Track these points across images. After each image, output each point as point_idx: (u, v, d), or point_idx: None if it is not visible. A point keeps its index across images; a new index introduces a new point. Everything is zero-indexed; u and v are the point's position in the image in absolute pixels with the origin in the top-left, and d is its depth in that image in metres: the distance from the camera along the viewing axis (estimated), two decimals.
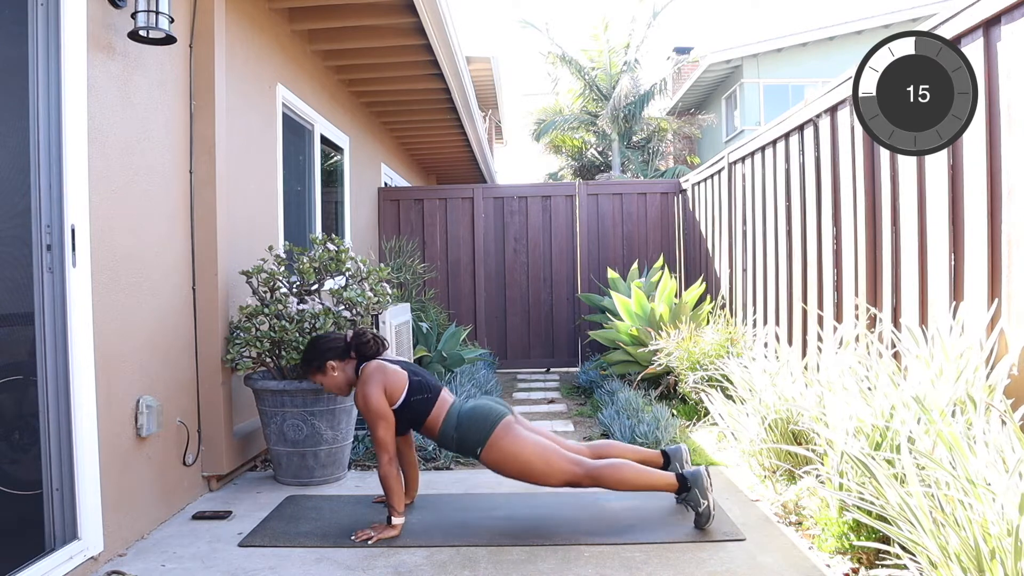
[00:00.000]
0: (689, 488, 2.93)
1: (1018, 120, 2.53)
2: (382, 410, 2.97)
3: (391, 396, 3.01)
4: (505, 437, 2.95)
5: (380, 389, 2.99)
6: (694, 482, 2.93)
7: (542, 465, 2.94)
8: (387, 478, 2.93)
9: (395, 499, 2.95)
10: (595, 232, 7.88)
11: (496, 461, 2.97)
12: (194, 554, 2.81)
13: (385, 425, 2.97)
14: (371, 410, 2.97)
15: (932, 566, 1.99)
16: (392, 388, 3.02)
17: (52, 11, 2.49)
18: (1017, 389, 2.49)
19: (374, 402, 2.97)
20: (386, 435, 2.96)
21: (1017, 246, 2.53)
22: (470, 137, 8.38)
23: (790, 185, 4.60)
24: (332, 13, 4.80)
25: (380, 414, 2.97)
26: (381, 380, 3.02)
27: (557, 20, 72.49)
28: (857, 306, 3.65)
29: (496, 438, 2.95)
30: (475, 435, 2.98)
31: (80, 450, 2.55)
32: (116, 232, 2.86)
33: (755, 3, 71.13)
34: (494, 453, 2.96)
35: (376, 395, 2.98)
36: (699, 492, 2.91)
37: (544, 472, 2.94)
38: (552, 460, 2.95)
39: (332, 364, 3.18)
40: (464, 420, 3.02)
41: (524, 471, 2.96)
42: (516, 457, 2.95)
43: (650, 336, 5.70)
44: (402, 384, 3.04)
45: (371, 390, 2.99)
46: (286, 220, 4.85)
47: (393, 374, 3.05)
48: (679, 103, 20.56)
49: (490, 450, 2.95)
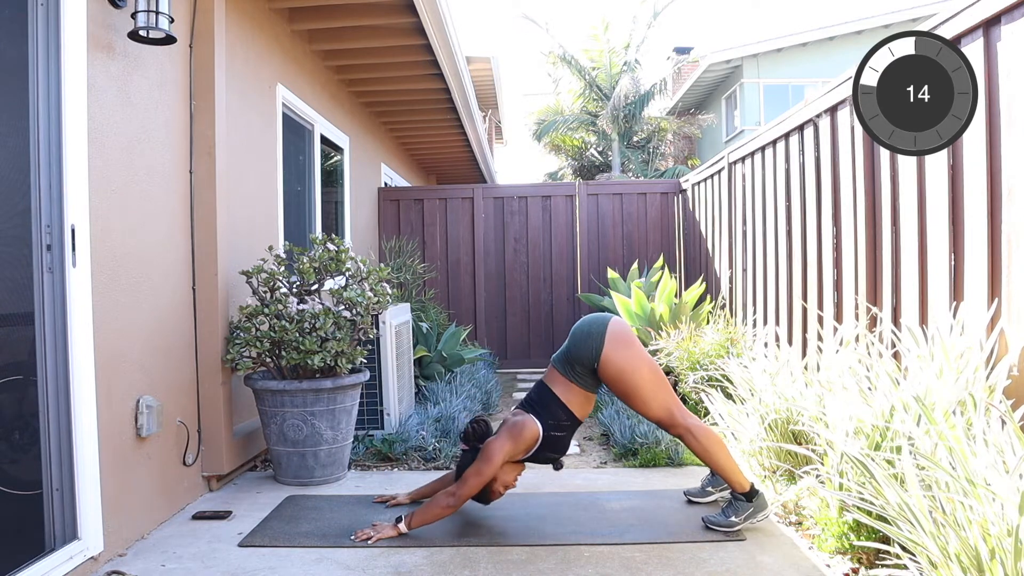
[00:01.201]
0: (751, 498, 2.90)
1: (1018, 120, 2.53)
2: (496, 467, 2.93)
3: (527, 447, 2.98)
4: (623, 337, 2.99)
5: (507, 448, 2.94)
6: (758, 499, 2.91)
7: (654, 382, 2.97)
8: (442, 512, 2.90)
9: (425, 521, 2.91)
10: (595, 232, 7.88)
11: (614, 362, 2.95)
12: (194, 554, 2.81)
13: (480, 482, 2.92)
14: (487, 462, 2.92)
15: (932, 566, 1.99)
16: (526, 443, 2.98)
17: (52, 11, 2.49)
18: (1017, 389, 2.49)
19: (496, 460, 2.92)
20: (476, 488, 2.92)
21: (1017, 246, 2.53)
22: (470, 137, 8.38)
23: (790, 185, 4.60)
24: (332, 13, 4.80)
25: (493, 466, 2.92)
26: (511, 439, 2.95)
27: (557, 20, 72.57)
28: (857, 306, 3.65)
29: (612, 343, 2.96)
30: (590, 344, 2.98)
31: (80, 450, 2.55)
32: (116, 232, 2.86)
33: (755, 3, 71.14)
34: (614, 357, 2.95)
35: (499, 456, 2.92)
36: (754, 508, 2.89)
37: (653, 392, 2.97)
38: (663, 384, 2.99)
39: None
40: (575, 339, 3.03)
41: (638, 383, 2.95)
42: (637, 360, 2.97)
43: (650, 336, 5.70)
44: (535, 437, 2.98)
45: (500, 447, 2.94)
46: (286, 220, 4.85)
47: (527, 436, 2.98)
48: (679, 103, 20.56)
49: (609, 353, 2.95)
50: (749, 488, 2.93)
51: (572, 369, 3.03)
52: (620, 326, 3.03)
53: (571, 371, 3.03)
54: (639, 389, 2.96)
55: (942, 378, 2.59)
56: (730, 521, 2.89)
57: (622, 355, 2.97)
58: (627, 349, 2.98)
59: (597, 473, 3.91)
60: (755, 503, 2.90)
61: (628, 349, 2.99)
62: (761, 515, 2.91)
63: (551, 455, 3.06)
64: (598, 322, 3.05)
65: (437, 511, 2.90)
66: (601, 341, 2.97)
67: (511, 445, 2.95)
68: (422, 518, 2.91)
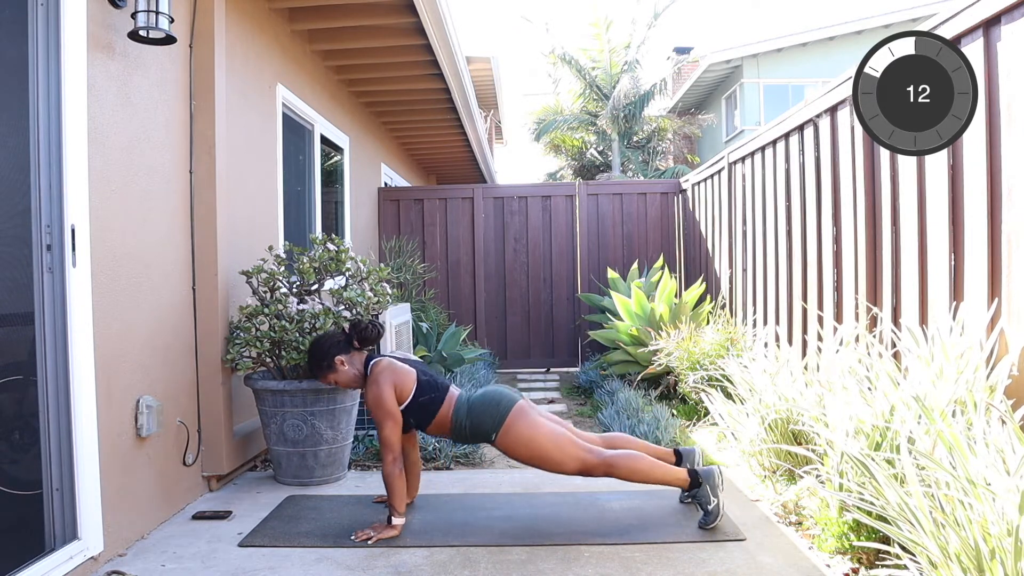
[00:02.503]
0: (700, 484, 2.93)
1: (1018, 120, 2.53)
2: (391, 409, 2.98)
3: (400, 395, 3.02)
4: (520, 421, 2.96)
5: (391, 387, 3.00)
6: (707, 479, 2.94)
7: (556, 451, 2.94)
8: (390, 477, 2.94)
9: (397, 499, 2.95)
10: (595, 232, 7.88)
11: (511, 445, 2.97)
12: (194, 554, 2.81)
13: (392, 424, 2.97)
14: (381, 408, 2.97)
15: (932, 566, 1.99)
16: (401, 387, 3.03)
17: (52, 11, 2.49)
18: (1017, 389, 2.49)
19: (385, 400, 2.98)
20: (392, 434, 2.97)
21: (1017, 246, 2.53)
22: (470, 137, 8.38)
23: (790, 185, 4.60)
24: (332, 13, 4.79)
25: (388, 413, 2.97)
26: (391, 378, 3.03)
27: (557, 20, 72.49)
28: (857, 306, 3.65)
29: (511, 422, 2.95)
30: (489, 420, 2.98)
31: (80, 450, 2.55)
32: (116, 232, 2.86)
33: (755, 3, 71.11)
34: (510, 437, 2.95)
35: (386, 393, 2.99)
36: (710, 489, 2.92)
37: (557, 458, 2.94)
38: (565, 446, 2.95)
39: (340, 359, 3.18)
40: (476, 407, 3.02)
41: (539, 456, 2.96)
42: (532, 441, 2.95)
43: (650, 336, 5.70)
44: (411, 383, 3.04)
45: (382, 388, 2.99)
46: (286, 220, 4.85)
47: (403, 373, 3.06)
48: (679, 103, 20.56)
49: (506, 434, 2.95)
50: (690, 477, 2.97)
51: (468, 424, 3.03)
52: (518, 413, 2.99)
53: (465, 421, 3.03)
54: (546, 462, 2.97)
55: (942, 378, 2.59)
56: (710, 510, 2.91)
57: (518, 440, 2.96)
58: (521, 434, 2.96)
59: None
60: (706, 481, 2.93)
61: (522, 434, 2.96)
62: (719, 480, 2.94)
63: (417, 417, 3.08)
64: (502, 405, 3.01)
65: (391, 479, 2.94)
66: (500, 424, 2.97)
67: (391, 380, 3.01)
68: (392, 499, 2.95)
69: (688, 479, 2.98)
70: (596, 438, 3.18)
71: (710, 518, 2.91)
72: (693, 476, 2.97)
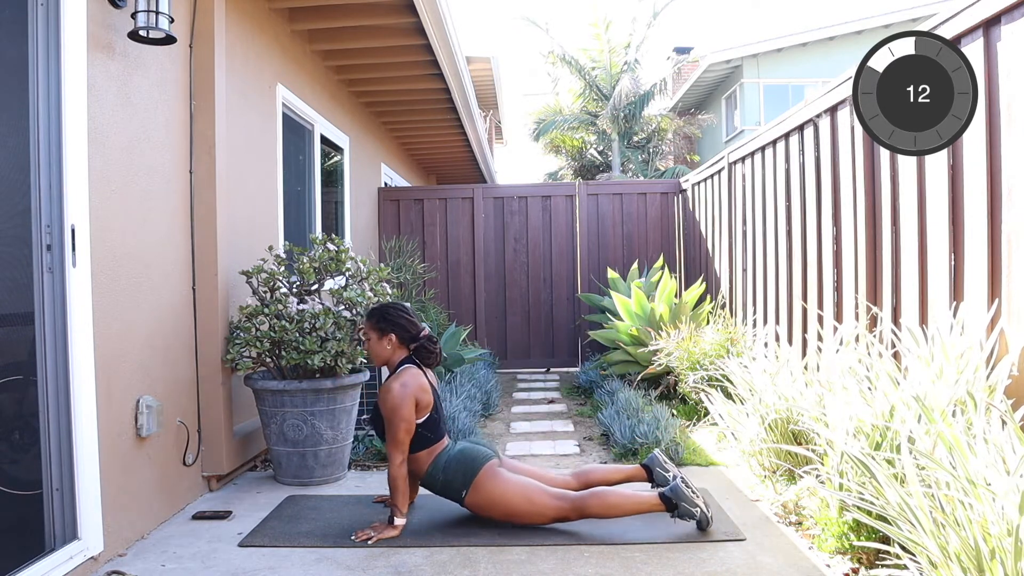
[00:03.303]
0: (676, 505, 2.92)
1: (1018, 120, 2.53)
2: (409, 416, 2.97)
3: (418, 412, 3.02)
4: (489, 481, 2.98)
5: (413, 399, 2.99)
6: (677, 497, 2.91)
7: (527, 506, 2.95)
8: (396, 479, 2.94)
9: (400, 500, 2.95)
10: (595, 232, 7.88)
11: (481, 505, 2.99)
12: (194, 554, 2.81)
13: (406, 429, 2.97)
14: (398, 412, 2.96)
15: (932, 566, 1.99)
16: (421, 406, 3.03)
17: (52, 11, 2.49)
18: (1017, 389, 2.49)
19: (405, 407, 2.96)
20: (405, 438, 2.97)
21: (1017, 246, 2.53)
22: (470, 137, 8.38)
23: (790, 185, 4.60)
24: (332, 13, 4.80)
25: (405, 418, 2.96)
26: (416, 392, 3.01)
27: (557, 20, 72.49)
28: (857, 306, 3.65)
29: (480, 482, 2.97)
30: (460, 479, 3.01)
31: (80, 450, 2.55)
32: (116, 232, 2.86)
33: (755, 3, 71.11)
34: (479, 497, 2.98)
35: (409, 402, 2.98)
36: (686, 504, 2.90)
37: (530, 512, 2.96)
38: (536, 499, 2.96)
39: (393, 338, 3.16)
40: (451, 464, 3.04)
41: (510, 513, 2.97)
42: (500, 498, 2.96)
43: (650, 336, 5.70)
44: (426, 409, 3.05)
45: (407, 394, 2.98)
46: (286, 220, 4.85)
47: (425, 396, 3.05)
48: (679, 103, 20.55)
49: (475, 493, 2.98)
50: (658, 499, 2.94)
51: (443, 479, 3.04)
52: (486, 476, 2.99)
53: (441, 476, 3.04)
54: (520, 518, 2.97)
55: (942, 378, 2.59)
56: (698, 518, 2.88)
57: (489, 501, 2.97)
58: (491, 495, 2.97)
59: None
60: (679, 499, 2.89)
61: (492, 495, 2.97)
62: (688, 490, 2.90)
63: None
64: (472, 466, 3.01)
65: (396, 480, 2.94)
66: (469, 484, 2.98)
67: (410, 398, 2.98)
68: (396, 498, 2.95)
69: (661, 503, 2.95)
70: (568, 478, 3.17)
71: (701, 525, 2.90)
72: (666, 501, 2.94)
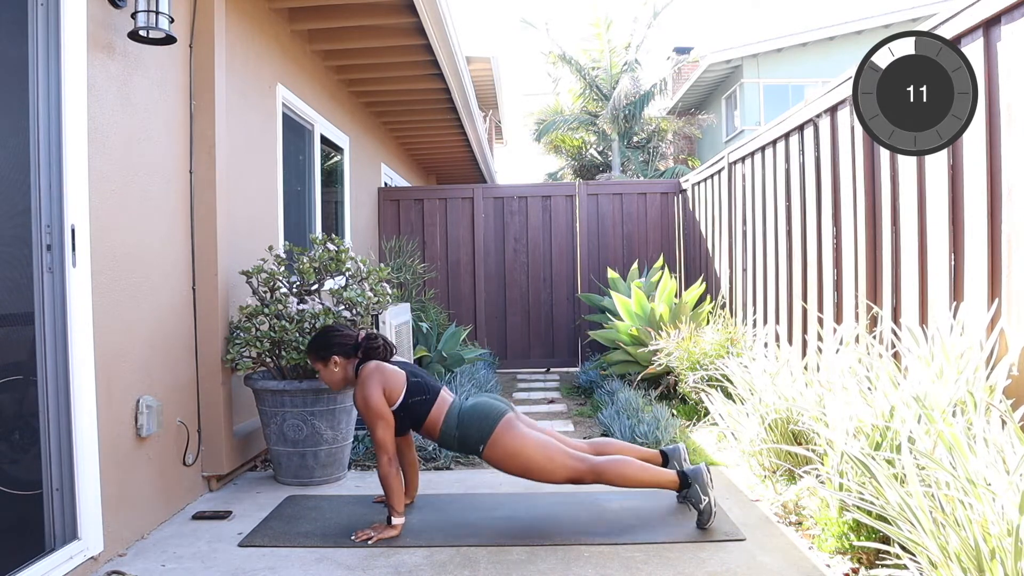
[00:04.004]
0: (690, 484, 2.94)
1: (1018, 120, 2.53)
2: (381, 410, 2.97)
3: (389, 397, 3.01)
4: (507, 434, 2.96)
5: (379, 389, 2.99)
6: (695, 478, 2.94)
7: (544, 461, 2.94)
8: (387, 478, 2.93)
9: (395, 499, 2.95)
10: (595, 232, 7.88)
11: (498, 458, 2.98)
12: (194, 554, 2.81)
13: (384, 425, 2.96)
14: (370, 410, 2.96)
15: (932, 566, 1.99)
16: (391, 389, 3.02)
17: (52, 11, 2.49)
18: (1017, 389, 2.49)
19: (373, 402, 2.96)
20: (385, 435, 2.96)
21: (1017, 246, 2.53)
22: (470, 137, 8.38)
23: (790, 185, 4.60)
24: (332, 13, 4.79)
25: (379, 414, 2.96)
26: (379, 380, 3.02)
27: (558, 20, 72.43)
28: (857, 306, 3.65)
29: (498, 435, 2.95)
30: (477, 433, 2.98)
31: (80, 450, 2.55)
32: (116, 232, 2.86)
33: (755, 3, 71.06)
34: (497, 450, 2.96)
35: (375, 395, 2.97)
36: (700, 488, 2.92)
37: (547, 468, 2.95)
38: (554, 456, 2.95)
39: (336, 359, 3.17)
40: (465, 418, 3.02)
41: (527, 468, 2.96)
42: (519, 454, 2.95)
43: (650, 336, 5.70)
44: (400, 385, 3.04)
45: (370, 391, 2.98)
46: (286, 220, 4.85)
47: (392, 375, 3.05)
48: (679, 103, 20.55)
49: (492, 447, 2.96)
50: (679, 478, 2.97)
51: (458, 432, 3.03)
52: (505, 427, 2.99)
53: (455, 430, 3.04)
54: (533, 473, 2.98)
55: (942, 378, 2.59)
56: (704, 510, 2.90)
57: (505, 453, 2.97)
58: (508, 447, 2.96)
59: None
60: (695, 481, 2.93)
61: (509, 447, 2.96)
62: (707, 478, 2.93)
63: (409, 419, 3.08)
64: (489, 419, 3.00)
65: (388, 480, 2.93)
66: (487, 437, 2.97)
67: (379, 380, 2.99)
68: (391, 499, 2.94)
69: (677, 480, 2.98)
70: (584, 445, 3.18)
71: (704, 517, 2.91)
72: (682, 477, 2.98)
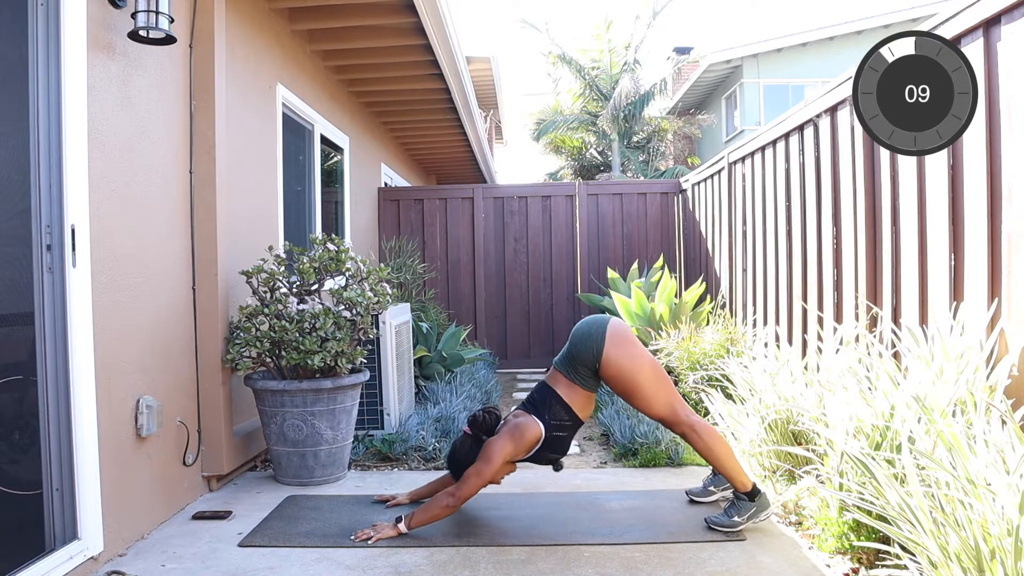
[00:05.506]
0: (755, 496, 2.90)
1: (1018, 120, 2.53)
2: (500, 469, 2.94)
3: (527, 447, 2.98)
4: (621, 345, 2.97)
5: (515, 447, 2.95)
6: (762, 498, 2.91)
7: (655, 382, 2.97)
8: (443, 513, 2.91)
9: (427, 523, 2.92)
10: (595, 232, 7.88)
11: (618, 368, 2.95)
12: (194, 554, 2.81)
13: (488, 481, 2.94)
14: (491, 463, 2.91)
15: (932, 566, 1.99)
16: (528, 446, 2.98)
17: (52, 11, 2.49)
18: (1017, 389, 2.49)
19: (502, 459, 2.93)
20: (478, 490, 2.94)
21: (1017, 246, 2.53)
22: (470, 137, 8.38)
23: (790, 185, 4.60)
24: (332, 13, 4.80)
25: (498, 471, 2.95)
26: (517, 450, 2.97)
27: (557, 20, 72.46)
28: (857, 306, 3.65)
29: (610, 346, 2.96)
30: (588, 351, 2.98)
31: (80, 450, 2.55)
32: (116, 232, 2.86)
33: (755, 3, 71.09)
34: (612, 363, 2.95)
35: (507, 453, 2.94)
36: (756, 509, 2.89)
37: (655, 390, 2.96)
38: (666, 381, 2.99)
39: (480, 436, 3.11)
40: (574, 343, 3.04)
41: (637, 383, 2.95)
42: (639, 357, 2.97)
43: (650, 336, 5.70)
44: (537, 434, 2.98)
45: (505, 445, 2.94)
46: (286, 220, 4.85)
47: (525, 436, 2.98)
48: (679, 103, 20.56)
49: (607, 360, 2.95)
50: (752, 487, 2.93)
51: (575, 370, 3.03)
52: (619, 326, 3.04)
53: (574, 372, 3.03)
54: (641, 387, 2.97)
55: (942, 378, 2.59)
56: (733, 521, 2.88)
57: (622, 354, 2.97)
58: (627, 348, 2.99)
59: (597, 473, 3.91)
60: (758, 502, 2.91)
61: (628, 348, 2.99)
62: (764, 514, 2.91)
63: (552, 455, 3.06)
64: (598, 323, 3.06)
65: (437, 511, 2.91)
66: (602, 341, 2.97)
67: (512, 447, 2.95)
68: (421, 518, 2.91)
69: (751, 485, 2.94)
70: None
71: (725, 528, 2.87)
72: (755, 488, 2.94)
